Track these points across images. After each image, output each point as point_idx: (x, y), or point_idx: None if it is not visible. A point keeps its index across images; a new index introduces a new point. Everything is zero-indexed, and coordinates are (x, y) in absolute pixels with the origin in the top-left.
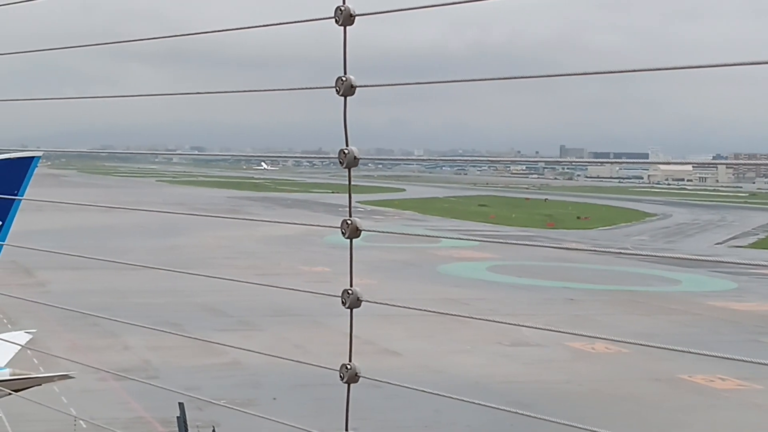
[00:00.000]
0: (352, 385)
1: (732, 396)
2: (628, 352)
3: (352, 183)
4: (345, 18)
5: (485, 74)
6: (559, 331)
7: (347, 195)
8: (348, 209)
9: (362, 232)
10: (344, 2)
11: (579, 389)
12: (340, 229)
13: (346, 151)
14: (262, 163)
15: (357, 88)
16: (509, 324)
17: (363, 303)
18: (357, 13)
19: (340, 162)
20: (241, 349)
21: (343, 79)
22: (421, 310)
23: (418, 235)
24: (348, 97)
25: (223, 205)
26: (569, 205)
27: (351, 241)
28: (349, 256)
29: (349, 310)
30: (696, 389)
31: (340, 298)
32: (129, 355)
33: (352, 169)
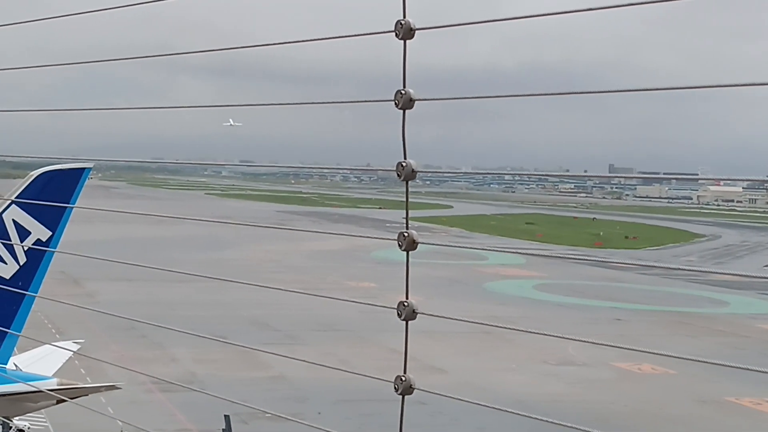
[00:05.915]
0: (405, 397)
1: None
2: (675, 373)
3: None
4: (405, 32)
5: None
6: (608, 345)
7: (404, 209)
8: (405, 222)
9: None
10: (404, 16)
11: (624, 410)
12: (396, 242)
13: (404, 164)
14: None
15: (416, 102)
16: (556, 337)
17: (418, 315)
18: (417, 27)
19: (398, 174)
20: (301, 360)
21: (403, 92)
22: (474, 322)
23: (472, 248)
24: (407, 111)
25: (270, 219)
26: (617, 224)
27: (407, 254)
28: (405, 269)
29: (404, 322)
30: (743, 412)
31: (395, 310)
32: (175, 367)
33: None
